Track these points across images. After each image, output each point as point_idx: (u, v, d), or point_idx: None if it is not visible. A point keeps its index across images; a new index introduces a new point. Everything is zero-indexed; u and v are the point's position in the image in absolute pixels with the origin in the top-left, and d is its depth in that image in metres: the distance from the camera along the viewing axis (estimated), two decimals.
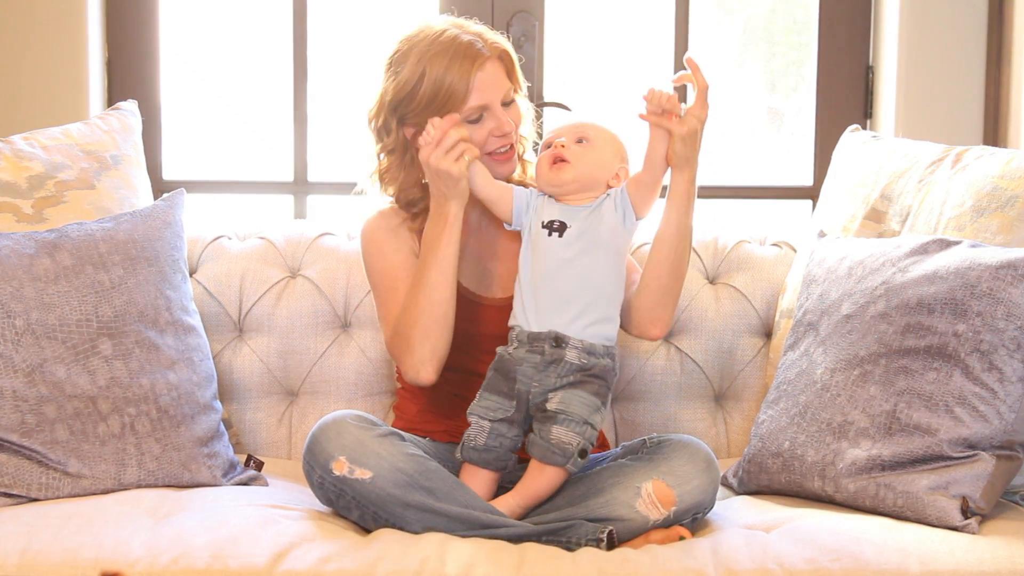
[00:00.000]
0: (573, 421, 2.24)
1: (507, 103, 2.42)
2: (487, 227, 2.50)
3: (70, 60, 3.11)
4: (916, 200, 2.55)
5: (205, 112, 3.41)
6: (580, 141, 2.35)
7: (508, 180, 2.45)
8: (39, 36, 3.10)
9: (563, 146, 2.33)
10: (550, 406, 2.25)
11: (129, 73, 3.23)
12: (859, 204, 2.65)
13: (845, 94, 3.27)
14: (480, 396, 2.31)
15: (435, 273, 2.32)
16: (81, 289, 2.39)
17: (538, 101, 3.23)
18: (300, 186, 3.27)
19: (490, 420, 2.28)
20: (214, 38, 3.39)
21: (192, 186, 3.10)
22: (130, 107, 2.80)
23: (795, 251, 2.82)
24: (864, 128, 3.00)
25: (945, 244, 2.34)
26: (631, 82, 3.40)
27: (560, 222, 2.31)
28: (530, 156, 2.56)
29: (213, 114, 3.42)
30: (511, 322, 2.33)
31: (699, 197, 3.29)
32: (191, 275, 2.74)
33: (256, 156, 3.41)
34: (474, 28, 2.43)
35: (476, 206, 2.47)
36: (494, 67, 2.40)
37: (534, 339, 2.28)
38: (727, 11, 3.46)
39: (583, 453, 2.25)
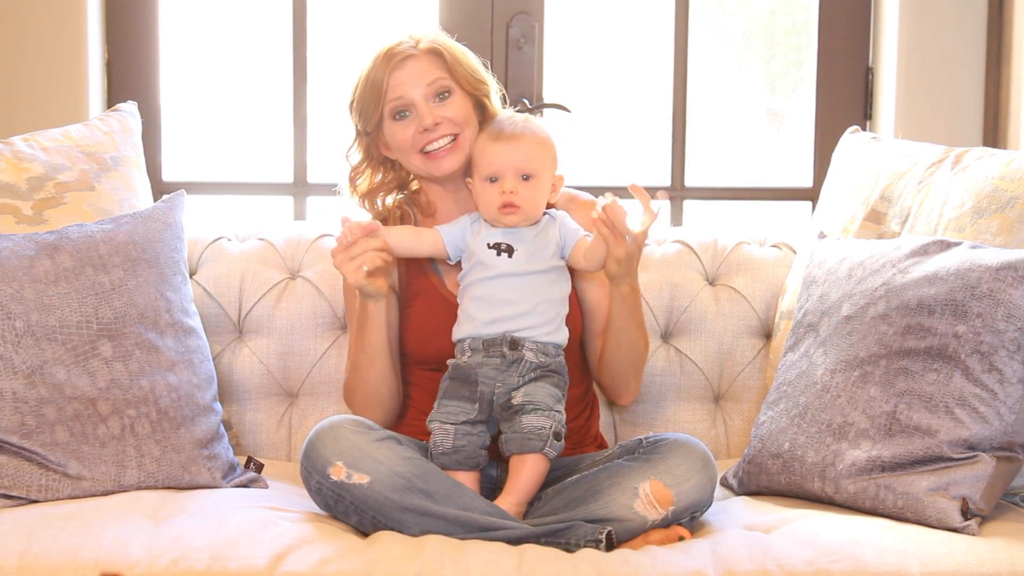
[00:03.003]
0: (541, 408, 2.29)
1: (441, 96, 2.45)
2: None
3: (70, 61, 3.11)
4: (916, 201, 2.55)
5: (205, 113, 3.41)
6: (526, 178, 2.37)
7: (453, 175, 2.48)
8: (39, 37, 3.10)
9: (513, 192, 2.36)
10: (515, 401, 2.31)
11: (129, 74, 3.23)
12: (859, 205, 2.65)
13: (845, 95, 3.27)
14: (439, 405, 2.35)
15: (363, 358, 2.45)
16: (81, 291, 2.39)
17: (538, 102, 3.23)
18: (300, 187, 3.27)
19: (453, 423, 2.31)
20: (214, 39, 3.39)
21: (192, 187, 3.10)
22: (130, 108, 2.80)
23: (795, 252, 2.82)
24: (864, 129, 3.00)
25: (945, 245, 2.34)
26: (631, 83, 3.41)
27: (507, 244, 2.38)
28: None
29: (213, 115, 3.41)
30: (456, 337, 2.39)
31: (699, 198, 3.33)
32: (191, 276, 2.74)
33: (256, 157, 3.41)
34: (419, 33, 2.50)
35: (458, 213, 2.52)
36: (418, 63, 2.45)
37: (489, 344, 2.34)
38: (727, 12, 3.46)
39: (557, 436, 2.29)
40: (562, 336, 2.39)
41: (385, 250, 2.34)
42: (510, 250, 2.37)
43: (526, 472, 2.28)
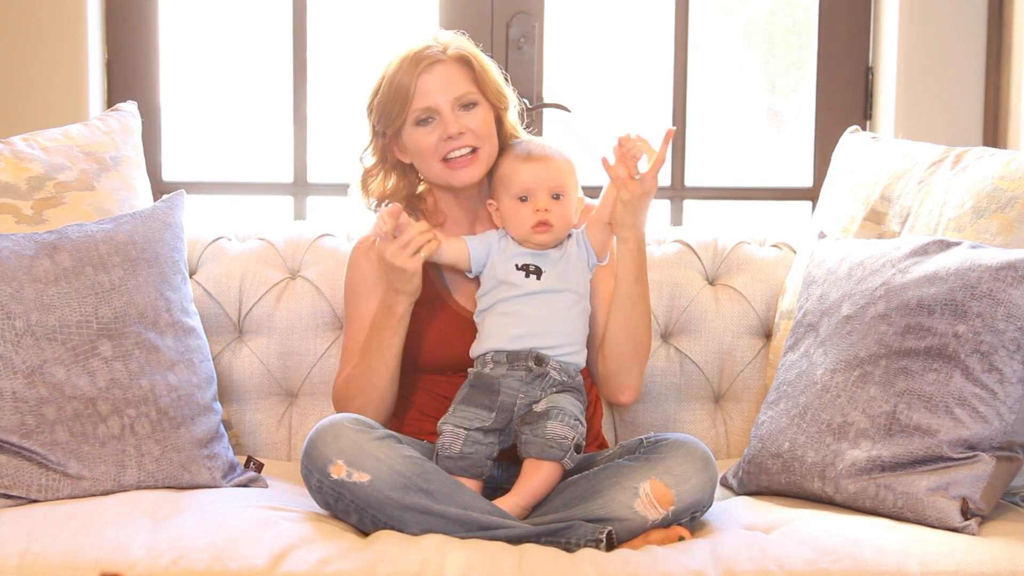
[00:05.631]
0: (566, 415, 2.29)
1: (467, 106, 2.43)
2: None
3: (70, 61, 3.11)
4: (916, 201, 2.55)
5: (205, 113, 3.41)
6: (556, 197, 2.39)
7: (469, 187, 2.47)
8: (39, 37, 3.10)
9: (547, 210, 2.37)
10: (538, 408, 2.31)
11: (129, 74, 3.23)
12: (859, 205, 2.65)
13: (845, 95, 3.27)
14: (454, 409, 2.34)
15: (377, 362, 2.42)
16: (81, 290, 2.39)
17: (538, 102, 3.23)
18: (300, 187, 3.27)
19: (466, 428, 2.30)
20: (214, 38, 3.39)
21: (192, 187, 3.10)
22: (130, 108, 2.80)
23: (795, 252, 2.82)
24: (864, 129, 3.00)
25: (945, 245, 2.34)
26: (631, 83, 3.41)
27: (535, 266, 2.40)
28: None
29: (213, 115, 3.42)
30: (477, 352, 2.40)
31: (699, 198, 3.33)
32: (191, 276, 2.74)
33: (256, 157, 3.41)
34: (445, 37, 2.47)
35: (467, 220, 2.52)
36: (446, 69, 2.42)
37: (514, 358, 2.35)
38: (727, 12, 3.46)
39: (578, 448, 2.29)
40: (582, 358, 2.41)
41: (431, 235, 2.34)
42: (538, 272, 2.38)
43: (539, 477, 2.27)
